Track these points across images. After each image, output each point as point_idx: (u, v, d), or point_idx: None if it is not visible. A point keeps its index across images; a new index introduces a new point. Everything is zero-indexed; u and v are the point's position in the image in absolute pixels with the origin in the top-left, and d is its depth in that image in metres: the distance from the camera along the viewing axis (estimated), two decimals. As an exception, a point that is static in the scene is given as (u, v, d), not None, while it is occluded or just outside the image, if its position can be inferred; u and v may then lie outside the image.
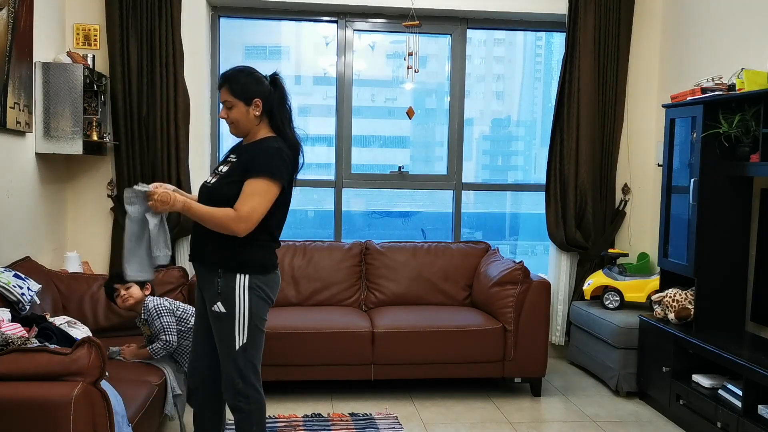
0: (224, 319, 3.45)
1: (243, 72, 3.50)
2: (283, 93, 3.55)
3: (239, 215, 3.31)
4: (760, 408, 4.02)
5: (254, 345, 3.52)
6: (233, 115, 3.48)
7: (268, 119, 3.53)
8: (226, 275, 3.43)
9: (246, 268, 3.44)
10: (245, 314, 3.45)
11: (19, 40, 4.56)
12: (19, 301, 3.98)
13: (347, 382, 5.34)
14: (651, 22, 6.15)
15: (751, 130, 4.48)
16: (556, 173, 6.06)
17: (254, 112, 3.47)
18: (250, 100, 3.45)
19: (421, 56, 6.11)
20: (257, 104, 3.46)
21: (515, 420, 4.88)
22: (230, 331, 3.45)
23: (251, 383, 3.53)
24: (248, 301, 3.45)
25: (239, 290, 3.43)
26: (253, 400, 3.55)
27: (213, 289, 3.46)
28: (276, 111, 3.51)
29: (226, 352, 3.49)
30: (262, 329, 3.55)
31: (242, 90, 3.45)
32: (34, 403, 2.83)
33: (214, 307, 3.45)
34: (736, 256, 4.81)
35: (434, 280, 5.78)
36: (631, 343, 5.25)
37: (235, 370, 3.49)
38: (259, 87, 3.48)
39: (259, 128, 3.53)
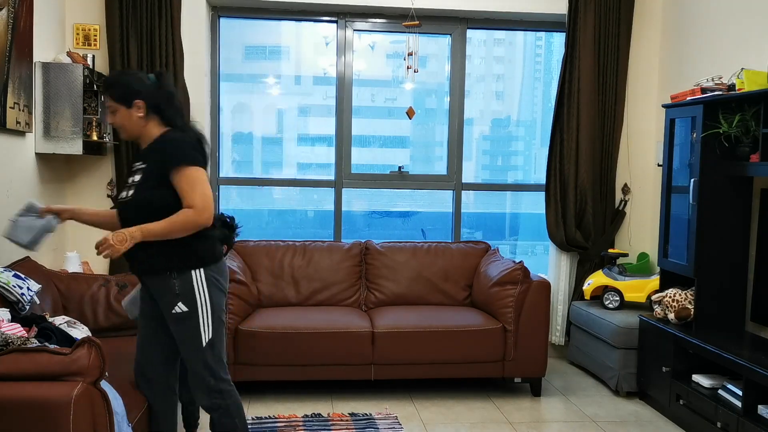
0: (187, 318, 3.40)
1: (122, 75, 3.54)
2: (168, 89, 3.50)
3: (197, 207, 3.26)
4: (760, 408, 4.02)
5: (219, 339, 3.49)
6: (118, 120, 3.45)
7: (159, 117, 3.48)
8: (181, 275, 3.37)
9: (198, 262, 3.39)
10: (208, 309, 3.41)
11: (19, 40, 4.56)
12: (19, 301, 3.97)
13: (347, 382, 5.35)
14: (651, 22, 6.16)
15: (751, 130, 4.48)
16: (556, 173, 6.06)
17: (137, 114, 3.43)
18: (130, 102, 3.41)
19: (421, 56, 6.12)
20: (138, 105, 3.42)
21: (515, 420, 4.88)
22: (195, 329, 3.41)
23: (222, 378, 3.50)
24: (208, 295, 3.41)
25: (198, 286, 3.38)
26: (228, 395, 3.52)
27: (170, 292, 3.39)
28: (164, 108, 3.47)
29: (194, 352, 3.44)
30: (224, 320, 3.52)
31: (121, 94, 3.41)
32: (34, 403, 2.82)
33: (175, 309, 3.38)
34: (736, 256, 4.81)
35: (434, 280, 5.78)
36: (631, 343, 5.25)
37: (205, 369, 3.45)
38: (139, 88, 3.43)
39: (150, 128, 3.47)
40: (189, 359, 3.47)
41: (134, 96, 3.41)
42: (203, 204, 3.28)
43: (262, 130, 6.56)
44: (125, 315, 4.67)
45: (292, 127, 6.58)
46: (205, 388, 3.48)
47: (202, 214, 3.28)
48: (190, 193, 3.29)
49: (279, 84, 6.55)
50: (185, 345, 3.45)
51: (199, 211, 3.27)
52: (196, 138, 3.48)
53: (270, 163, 6.60)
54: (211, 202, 3.31)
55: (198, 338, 3.42)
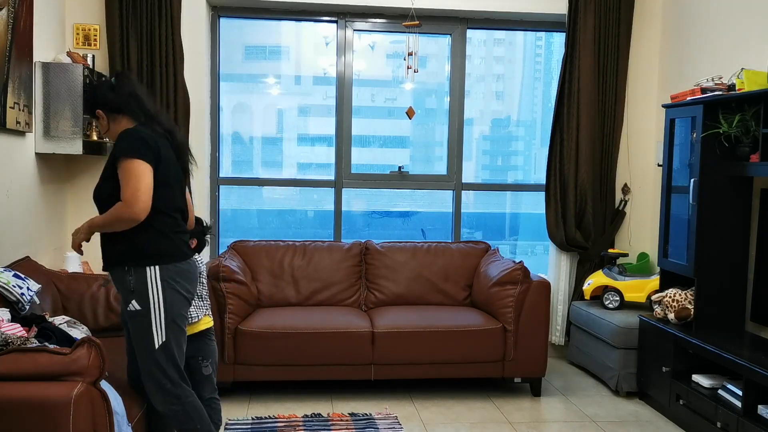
0: (140, 316, 3.35)
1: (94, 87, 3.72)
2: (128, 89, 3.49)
3: (126, 200, 3.24)
4: (760, 408, 4.02)
5: (176, 343, 3.43)
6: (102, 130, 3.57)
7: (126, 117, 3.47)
8: (136, 271, 3.34)
9: (152, 258, 3.35)
10: (161, 309, 3.35)
11: (19, 40, 4.56)
12: (19, 301, 3.97)
13: (347, 382, 5.34)
14: (651, 22, 6.16)
15: (751, 130, 4.48)
16: (556, 173, 6.06)
17: (103, 121, 3.51)
18: (94, 113, 3.53)
19: (421, 56, 6.12)
20: (99, 114, 3.49)
21: (515, 420, 4.88)
22: (147, 329, 3.36)
23: (177, 382, 3.44)
24: (162, 295, 3.35)
25: (151, 284, 3.34)
26: (184, 397, 3.45)
27: (126, 287, 3.37)
28: (125, 108, 3.46)
29: (146, 354, 3.38)
30: (181, 326, 3.47)
31: (90, 107, 3.64)
32: (34, 403, 2.82)
33: (130, 306, 3.35)
34: (736, 256, 4.81)
35: (434, 280, 5.77)
36: (631, 343, 5.25)
37: (159, 371, 3.39)
38: (96, 98, 3.51)
39: (123, 127, 3.46)
40: (143, 361, 3.41)
41: (94, 107, 3.52)
42: (131, 198, 3.23)
43: (262, 130, 6.55)
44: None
45: (292, 127, 6.58)
46: (160, 392, 3.42)
47: (130, 207, 3.23)
48: (122, 187, 3.27)
49: (279, 84, 6.55)
50: (138, 345, 3.41)
51: (126, 205, 3.24)
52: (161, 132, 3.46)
53: (270, 163, 6.60)
54: (141, 196, 3.24)
55: (150, 339, 3.36)
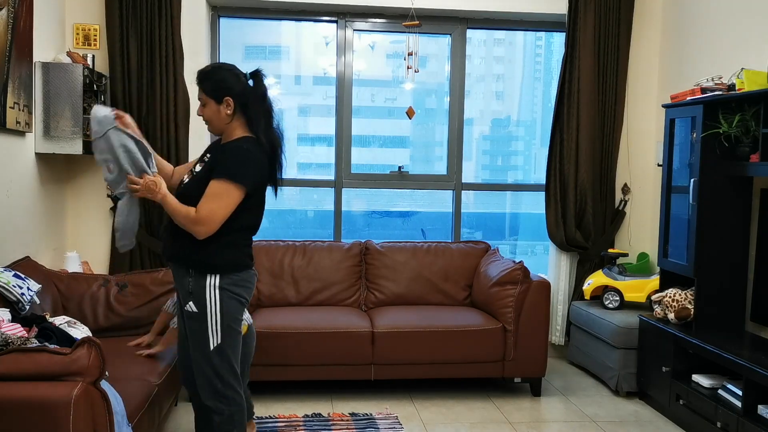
0: (196, 318, 3.41)
1: (218, 69, 3.48)
2: (262, 90, 3.48)
3: (198, 217, 3.29)
4: (760, 408, 4.02)
5: (230, 346, 3.47)
6: (206, 114, 3.47)
7: (245, 118, 3.47)
8: (196, 275, 3.39)
9: (216, 269, 3.40)
10: (217, 314, 3.40)
11: (19, 40, 4.56)
12: (19, 301, 3.97)
13: (347, 382, 5.34)
14: (651, 22, 6.16)
15: (751, 130, 4.48)
16: (556, 173, 6.06)
17: (226, 111, 3.43)
18: (221, 98, 3.41)
19: (420, 56, 6.11)
20: (228, 103, 3.41)
21: (515, 420, 4.88)
22: (203, 331, 3.41)
23: (230, 384, 3.48)
24: (219, 301, 3.40)
25: (210, 290, 3.38)
26: (233, 402, 3.50)
27: (185, 288, 3.43)
28: (251, 109, 3.45)
29: (201, 353, 3.44)
30: (237, 329, 3.50)
31: (214, 88, 3.42)
32: (34, 403, 2.82)
33: (187, 307, 3.42)
34: (736, 256, 4.81)
35: (434, 280, 5.78)
36: (630, 343, 5.25)
37: (211, 371, 3.45)
38: (233, 85, 3.42)
39: (234, 127, 3.48)
40: (196, 359, 3.47)
41: (226, 92, 3.41)
42: (206, 218, 3.29)
43: (261, 130, 6.54)
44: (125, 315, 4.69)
45: (292, 127, 6.58)
46: (211, 390, 3.47)
47: (197, 225, 3.30)
48: (203, 201, 3.31)
49: (279, 84, 6.55)
50: (194, 344, 3.47)
51: (197, 221, 3.30)
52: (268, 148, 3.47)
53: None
54: (216, 221, 3.31)
55: (206, 341, 3.42)
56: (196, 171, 3.50)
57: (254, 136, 3.46)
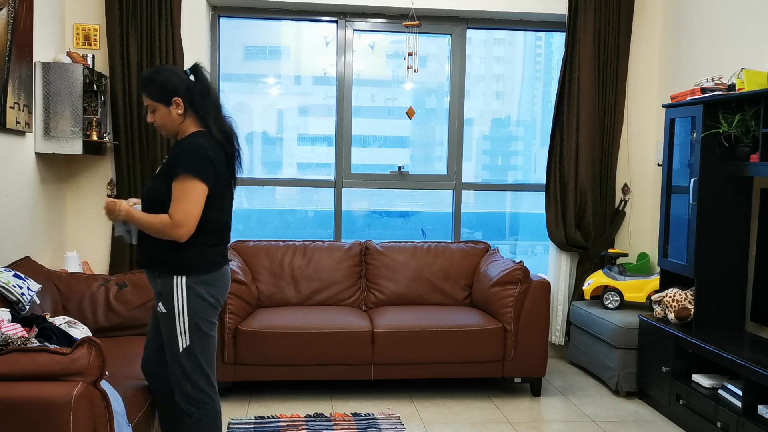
0: (166, 319, 3.40)
1: (160, 72, 3.43)
2: (205, 84, 3.46)
3: (174, 221, 3.27)
4: (760, 408, 4.02)
5: (200, 348, 3.44)
6: (158, 118, 3.43)
7: (195, 114, 3.44)
8: (163, 276, 3.39)
9: (182, 270, 3.38)
10: (184, 315, 3.38)
11: (19, 40, 4.56)
12: (19, 301, 3.97)
13: (347, 382, 5.34)
14: (651, 22, 6.16)
15: (751, 130, 4.48)
16: (556, 173, 6.06)
17: (177, 111, 3.40)
18: (169, 100, 3.38)
19: (420, 56, 6.11)
20: (177, 103, 3.39)
21: (515, 420, 4.88)
22: (172, 332, 3.40)
23: (200, 387, 3.45)
24: (186, 301, 3.38)
25: (177, 291, 3.37)
26: (204, 406, 3.47)
27: (155, 289, 3.44)
28: (198, 104, 3.42)
29: (172, 354, 3.44)
30: (207, 332, 3.46)
31: (160, 91, 3.38)
32: (34, 403, 2.82)
33: (158, 307, 3.42)
34: (736, 256, 4.81)
35: (434, 280, 5.78)
36: (630, 343, 5.25)
37: (181, 373, 3.43)
38: (178, 84, 3.39)
39: (187, 125, 3.45)
40: (169, 359, 3.47)
41: (173, 93, 3.38)
42: (181, 220, 3.27)
43: (262, 129, 6.56)
44: (125, 315, 4.68)
45: (292, 127, 6.58)
46: (180, 392, 3.46)
47: (176, 229, 3.28)
48: (174, 204, 3.29)
49: (279, 84, 6.55)
50: (167, 345, 3.46)
51: (174, 225, 3.28)
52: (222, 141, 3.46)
53: (270, 163, 6.59)
54: (192, 221, 3.29)
55: (175, 342, 3.41)
56: (157, 173, 3.48)
57: (206, 130, 3.45)
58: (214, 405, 3.52)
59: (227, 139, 3.49)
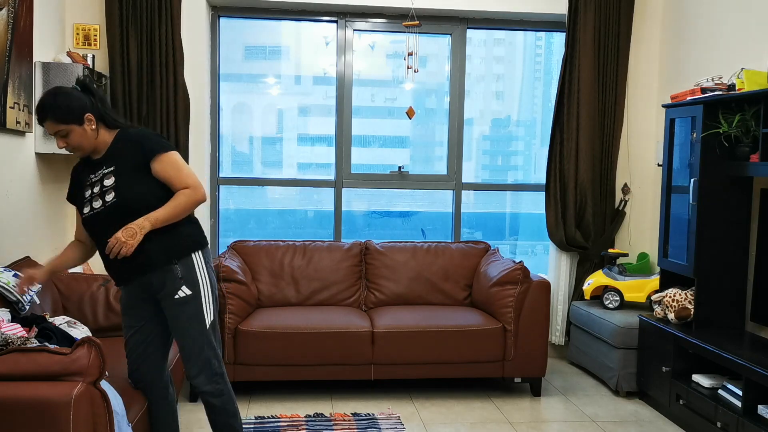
0: (191, 301, 3.42)
1: (55, 96, 3.30)
2: (99, 94, 3.45)
3: (193, 185, 3.36)
4: (760, 408, 4.02)
5: (217, 318, 3.56)
6: (73, 141, 3.32)
7: (104, 123, 3.41)
8: (182, 261, 3.41)
9: (196, 244, 3.47)
10: (209, 290, 3.48)
11: (19, 40, 4.56)
12: (19, 301, 3.97)
13: (347, 381, 5.34)
14: (651, 22, 6.16)
15: (751, 130, 4.48)
16: (556, 173, 6.06)
17: (90, 127, 3.34)
18: (81, 118, 3.30)
19: (420, 56, 6.11)
20: (89, 118, 3.33)
21: (515, 420, 4.88)
22: (199, 310, 3.44)
23: (221, 361, 3.56)
24: (208, 276, 3.49)
25: (199, 269, 3.45)
26: (225, 378, 3.58)
27: (173, 279, 3.39)
28: (104, 113, 3.40)
29: (199, 334, 3.45)
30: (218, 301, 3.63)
31: (69, 113, 3.28)
32: (34, 403, 2.83)
33: (179, 294, 3.39)
34: (736, 256, 4.81)
35: (434, 280, 5.77)
36: (630, 343, 5.25)
37: (210, 350, 3.48)
38: (82, 101, 3.33)
39: (102, 136, 3.40)
40: (194, 343, 3.45)
41: (82, 111, 3.32)
42: (195, 181, 3.39)
43: (262, 130, 6.55)
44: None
45: (292, 127, 6.57)
46: (209, 372, 3.50)
47: (198, 189, 3.38)
48: (180, 176, 3.36)
49: (279, 84, 6.55)
50: (190, 329, 3.45)
51: (195, 188, 3.37)
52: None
53: (270, 163, 6.59)
54: (197, 180, 3.41)
55: (202, 320, 3.45)
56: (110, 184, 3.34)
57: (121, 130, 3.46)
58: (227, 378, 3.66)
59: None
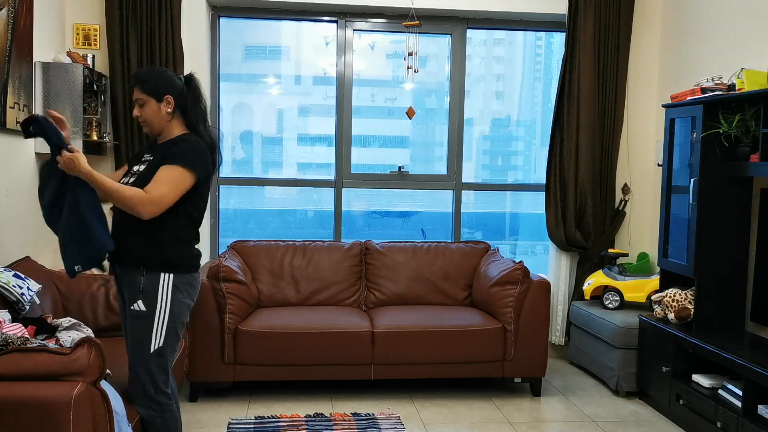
0: (143, 318, 3.35)
1: (154, 71, 3.49)
2: (197, 92, 3.51)
3: (150, 198, 3.22)
4: (760, 408, 4.02)
5: (170, 348, 3.44)
6: (145, 113, 3.42)
7: (182, 118, 3.47)
8: (149, 274, 3.35)
9: (171, 267, 3.37)
10: (165, 315, 3.36)
11: (19, 40, 4.56)
12: (19, 301, 3.97)
13: (347, 381, 5.34)
14: (651, 22, 6.15)
15: (751, 130, 4.48)
16: (556, 173, 6.06)
17: (166, 109, 3.42)
18: (161, 96, 3.41)
19: (420, 56, 6.11)
20: (168, 101, 3.41)
21: (515, 420, 4.88)
22: (147, 331, 3.36)
23: (162, 390, 3.45)
24: (171, 301, 3.37)
25: (163, 290, 3.35)
26: (166, 408, 3.47)
27: (135, 287, 3.36)
28: (190, 109, 3.46)
29: (139, 355, 3.39)
30: (179, 335, 3.46)
31: (153, 87, 3.41)
32: (34, 403, 2.82)
33: (134, 306, 3.35)
34: (736, 256, 4.81)
35: (434, 280, 5.77)
36: (630, 343, 5.25)
37: (146, 375, 3.40)
38: (171, 84, 3.44)
39: (173, 126, 3.47)
40: (135, 362, 3.42)
41: (167, 91, 3.41)
42: (158, 199, 3.24)
43: (262, 129, 6.56)
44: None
45: (292, 127, 6.58)
46: (142, 396, 3.43)
47: (147, 205, 3.22)
48: (155, 184, 3.26)
49: (279, 84, 6.55)
50: (133, 345, 3.41)
51: (148, 201, 3.22)
52: (209, 143, 3.48)
53: (270, 163, 6.60)
54: (165, 204, 3.26)
55: (147, 342, 3.37)
56: (140, 170, 3.42)
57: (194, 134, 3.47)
58: (173, 405, 3.52)
59: (212, 146, 3.51)
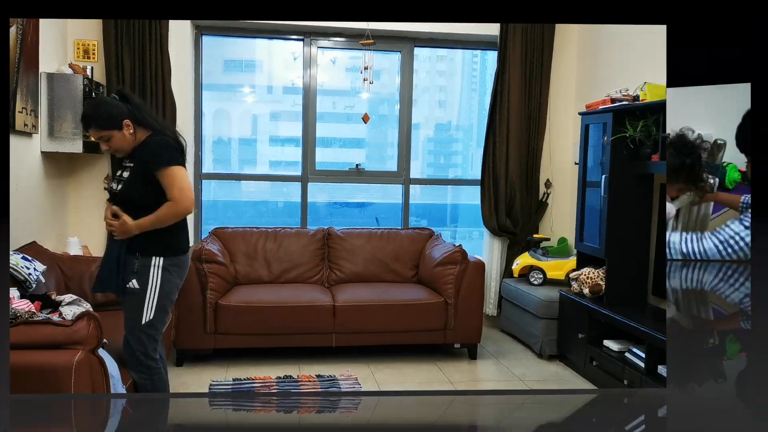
0: (136, 295, 3.31)
1: (99, 106, 3.34)
2: (134, 100, 3.39)
3: (174, 199, 3.23)
4: (660, 368, 4.09)
5: (159, 322, 3.39)
6: (114, 144, 3.31)
7: (141, 126, 3.36)
8: (142, 259, 3.31)
9: (163, 251, 3.33)
10: (156, 292, 3.32)
11: (27, 54, 4.46)
12: (26, 280, 3.91)
13: (312, 348, 5.33)
14: (569, 43, 6.19)
15: (652, 135, 4.54)
16: (490, 170, 6.08)
17: (128, 131, 3.31)
18: (120, 124, 3.28)
19: (375, 70, 6.09)
20: (127, 124, 3.30)
21: (455, 380, 4.90)
22: (139, 306, 3.32)
23: (151, 356, 3.41)
24: (160, 281, 3.33)
25: (154, 271, 3.31)
26: (155, 372, 3.43)
27: (131, 269, 3.31)
28: (141, 118, 3.35)
29: (132, 326, 3.36)
30: (168, 310, 3.43)
31: (108, 120, 3.27)
32: (41, 368, 2.82)
33: (129, 285, 3.31)
34: (640, 241, 4.86)
35: (386, 261, 5.77)
36: (552, 313, 5.29)
37: (138, 344, 3.36)
38: (118, 109, 3.29)
39: (139, 135, 3.36)
40: (128, 332, 3.39)
41: (120, 117, 3.29)
42: (179, 196, 3.23)
43: (238, 132, 6.50)
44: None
45: (265, 130, 6.53)
46: (134, 361, 3.39)
47: (180, 202, 3.23)
48: (169, 189, 3.24)
49: (253, 93, 6.50)
50: (129, 318, 3.38)
51: (176, 201, 3.23)
52: (173, 137, 3.41)
53: (246, 161, 6.55)
54: (187, 193, 3.26)
55: (139, 315, 3.33)
56: (126, 176, 3.36)
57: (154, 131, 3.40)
58: (161, 369, 3.49)
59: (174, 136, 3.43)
